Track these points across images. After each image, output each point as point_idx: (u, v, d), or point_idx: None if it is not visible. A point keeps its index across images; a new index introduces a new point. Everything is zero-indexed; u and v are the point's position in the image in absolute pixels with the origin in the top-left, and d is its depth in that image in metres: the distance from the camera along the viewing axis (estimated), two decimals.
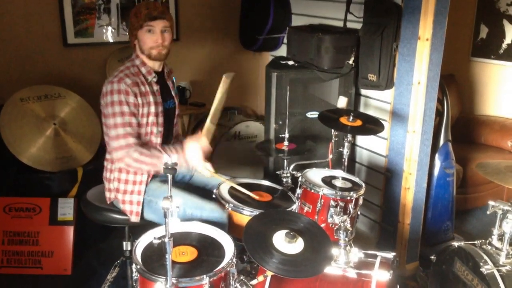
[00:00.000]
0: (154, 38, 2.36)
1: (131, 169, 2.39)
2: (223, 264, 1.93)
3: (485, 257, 2.41)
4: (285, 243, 1.98)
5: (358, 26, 3.14)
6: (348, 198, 2.42)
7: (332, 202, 2.39)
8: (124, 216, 2.47)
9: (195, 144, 2.44)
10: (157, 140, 2.47)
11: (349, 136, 2.70)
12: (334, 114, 2.77)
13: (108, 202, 2.52)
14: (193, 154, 2.43)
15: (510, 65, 4.36)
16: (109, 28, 3.80)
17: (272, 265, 1.87)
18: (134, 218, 2.45)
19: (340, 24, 3.32)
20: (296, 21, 3.78)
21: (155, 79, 2.45)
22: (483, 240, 2.56)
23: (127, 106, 2.29)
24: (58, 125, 3.29)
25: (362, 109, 3.35)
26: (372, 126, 2.73)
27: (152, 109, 2.40)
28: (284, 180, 2.78)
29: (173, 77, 2.73)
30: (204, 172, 2.49)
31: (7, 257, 3.09)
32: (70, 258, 3.11)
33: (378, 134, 3.17)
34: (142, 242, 2.03)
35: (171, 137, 2.63)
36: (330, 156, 2.83)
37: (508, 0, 4.27)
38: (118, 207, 2.49)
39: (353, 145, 3.42)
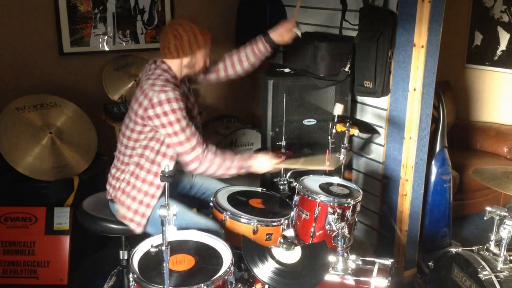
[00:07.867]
0: (207, 61, 2.55)
1: (203, 171, 2.39)
2: (220, 273, 1.92)
3: (483, 263, 2.41)
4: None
5: (354, 33, 3.15)
6: (346, 204, 2.42)
7: (329, 209, 2.39)
8: (120, 225, 2.43)
9: (264, 158, 2.53)
10: None
11: (346, 143, 2.70)
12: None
13: (108, 198, 2.48)
14: (261, 164, 2.52)
15: (505, 72, 4.39)
16: (105, 37, 3.81)
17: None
18: (134, 226, 2.41)
19: (335, 31, 3.33)
20: None
21: (183, 85, 2.53)
22: (480, 246, 2.57)
23: (181, 111, 2.30)
24: (54, 134, 3.28)
25: (358, 116, 3.35)
26: (368, 132, 2.74)
27: (190, 112, 2.45)
28: (281, 187, 2.77)
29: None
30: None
31: (2, 267, 3.07)
32: (66, 268, 3.08)
33: (375, 141, 3.18)
34: (139, 251, 2.03)
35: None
36: (327, 163, 2.83)
37: (502, 7, 4.31)
38: (114, 208, 2.45)
39: (350, 152, 3.41)
